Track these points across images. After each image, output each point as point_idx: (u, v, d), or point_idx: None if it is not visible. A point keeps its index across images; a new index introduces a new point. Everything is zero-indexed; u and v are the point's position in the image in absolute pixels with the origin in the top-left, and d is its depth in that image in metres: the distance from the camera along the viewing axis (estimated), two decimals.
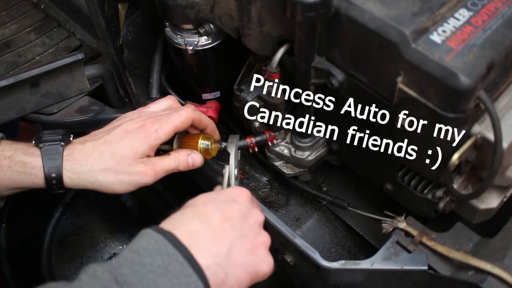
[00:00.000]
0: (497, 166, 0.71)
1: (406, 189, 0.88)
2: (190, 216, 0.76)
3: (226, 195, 0.82)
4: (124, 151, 0.85)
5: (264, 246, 0.78)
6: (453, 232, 0.87)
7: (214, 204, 0.78)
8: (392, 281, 0.86)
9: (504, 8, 0.74)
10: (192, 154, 0.93)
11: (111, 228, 1.45)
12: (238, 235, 0.75)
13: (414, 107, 0.72)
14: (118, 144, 0.86)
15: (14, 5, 1.49)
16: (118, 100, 1.18)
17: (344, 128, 0.95)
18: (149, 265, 0.65)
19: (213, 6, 0.91)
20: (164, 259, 0.66)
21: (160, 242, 0.68)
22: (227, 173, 0.94)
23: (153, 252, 0.67)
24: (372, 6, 0.72)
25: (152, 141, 0.87)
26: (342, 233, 1.16)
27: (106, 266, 0.64)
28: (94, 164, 0.85)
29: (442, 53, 0.68)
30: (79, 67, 1.08)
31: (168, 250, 0.67)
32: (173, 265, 0.66)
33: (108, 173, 0.85)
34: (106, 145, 0.86)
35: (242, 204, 0.80)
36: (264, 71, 0.89)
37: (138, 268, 0.65)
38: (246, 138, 1.02)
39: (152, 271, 0.65)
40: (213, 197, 0.81)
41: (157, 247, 0.68)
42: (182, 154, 0.93)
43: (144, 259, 0.66)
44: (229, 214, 0.76)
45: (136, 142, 0.86)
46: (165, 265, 0.66)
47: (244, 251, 0.74)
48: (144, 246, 0.68)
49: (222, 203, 0.79)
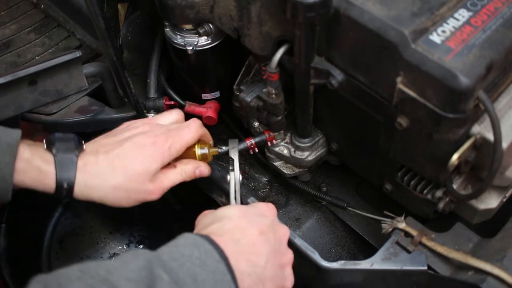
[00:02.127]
0: (496, 166, 0.71)
1: (405, 189, 0.88)
2: (232, 227, 0.76)
3: (256, 210, 0.83)
4: (136, 168, 0.85)
5: (290, 263, 0.80)
6: (453, 232, 0.87)
7: (249, 217, 0.79)
8: (392, 281, 0.86)
9: (504, 9, 0.74)
10: (200, 168, 0.94)
11: (111, 228, 1.45)
12: (272, 249, 0.76)
13: (414, 107, 0.72)
14: (131, 161, 0.86)
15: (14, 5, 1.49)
16: (117, 100, 1.18)
17: (343, 128, 0.95)
18: (188, 256, 0.66)
19: (213, 6, 0.91)
20: (202, 253, 0.67)
21: (197, 240, 0.70)
22: (233, 179, 0.94)
23: (191, 247, 0.68)
24: (371, 6, 0.72)
25: (164, 158, 0.88)
26: (342, 233, 1.16)
27: (147, 251, 0.66)
28: (106, 180, 0.84)
29: (441, 54, 0.68)
30: (77, 65, 1.08)
31: (205, 246, 0.68)
32: (210, 260, 0.67)
33: (119, 191, 0.85)
34: (119, 160, 0.85)
35: (271, 220, 0.82)
36: (264, 71, 0.89)
37: (178, 257, 0.66)
38: (245, 140, 1.02)
39: (191, 261, 0.66)
40: (246, 211, 0.82)
41: (195, 243, 0.69)
42: (189, 167, 0.93)
43: (183, 251, 0.67)
44: (263, 228, 0.77)
45: (149, 160, 0.86)
46: (203, 258, 0.67)
47: (276, 265, 0.76)
48: (182, 242, 0.69)
49: (255, 217, 0.80)
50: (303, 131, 0.99)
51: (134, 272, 0.61)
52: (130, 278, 0.61)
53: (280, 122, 0.98)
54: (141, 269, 0.62)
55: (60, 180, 0.82)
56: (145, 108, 1.13)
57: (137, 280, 0.61)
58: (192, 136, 0.91)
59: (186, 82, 1.11)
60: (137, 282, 0.60)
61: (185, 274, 0.64)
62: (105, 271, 0.60)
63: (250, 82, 1.00)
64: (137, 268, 0.62)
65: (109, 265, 0.62)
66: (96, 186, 0.84)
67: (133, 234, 1.45)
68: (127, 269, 0.62)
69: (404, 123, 0.76)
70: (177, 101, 1.12)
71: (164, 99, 1.12)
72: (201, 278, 0.65)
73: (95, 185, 0.84)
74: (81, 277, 0.59)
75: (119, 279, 0.60)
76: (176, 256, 0.66)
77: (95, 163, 0.85)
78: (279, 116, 0.96)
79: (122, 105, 1.20)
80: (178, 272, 0.64)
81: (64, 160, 0.83)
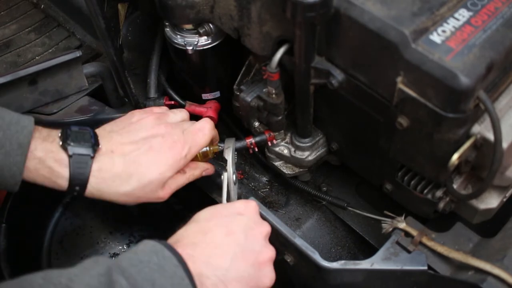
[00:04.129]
0: (496, 166, 0.71)
1: (406, 189, 0.88)
2: (194, 231, 0.77)
3: (231, 209, 0.83)
4: (151, 178, 0.84)
5: (268, 261, 0.79)
6: (453, 232, 0.87)
7: (217, 219, 0.79)
8: (392, 281, 0.86)
9: (504, 8, 0.74)
10: (208, 170, 0.96)
11: (111, 228, 1.45)
12: (241, 249, 0.76)
13: (414, 107, 0.72)
14: (148, 168, 0.84)
15: (14, 5, 1.49)
16: (118, 100, 1.18)
17: (343, 128, 0.95)
18: (147, 262, 0.67)
19: (213, 6, 0.91)
20: (160, 259, 0.68)
21: (156, 246, 0.70)
22: (225, 179, 0.93)
23: (149, 253, 0.69)
24: (372, 6, 0.72)
25: (180, 166, 0.88)
26: (342, 233, 1.16)
27: (107, 258, 0.67)
28: (119, 187, 0.84)
29: (442, 53, 0.68)
30: (77, 64, 1.08)
31: (164, 253, 0.69)
32: (168, 265, 0.68)
33: (130, 197, 0.86)
34: (135, 166, 0.84)
35: (247, 217, 0.81)
36: (264, 71, 0.89)
37: (136, 263, 0.67)
38: (245, 139, 1.02)
39: (149, 267, 0.67)
40: (217, 212, 0.82)
41: (154, 249, 0.70)
42: (197, 172, 0.94)
43: (142, 257, 0.68)
44: (233, 228, 0.77)
45: (165, 168, 0.85)
46: (161, 264, 0.68)
47: (247, 265, 0.76)
48: (141, 249, 0.70)
49: (225, 217, 0.80)
50: (303, 131, 0.99)
51: (94, 278, 0.62)
52: (90, 284, 0.62)
53: (280, 122, 0.98)
54: (100, 275, 0.63)
55: (73, 184, 0.81)
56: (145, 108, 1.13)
57: (97, 286, 0.62)
58: (206, 140, 0.92)
59: (186, 82, 1.11)
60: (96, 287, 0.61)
61: (143, 279, 0.65)
62: (67, 279, 0.61)
63: (250, 82, 1.00)
64: (97, 274, 0.63)
65: (70, 273, 0.63)
66: (108, 192, 0.84)
67: (133, 234, 1.45)
68: (88, 276, 0.63)
69: (405, 123, 0.76)
70: (177, 101, 1.12)
71: (164, 99, 1.12)
72: (159, 283, 0.66)
73: (107, 191, 0.84)
74: (43, 284, 0.60)
75: (80, 286, 0.61)
76: (135, 262, 0.67)
77: (110, 166, 0.83)
78: (279, 116, 0.96)
79: (122, 105, 1.20)
80: (136, 278, 0.65)
81: (79, 164, 0.81)
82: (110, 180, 0.83)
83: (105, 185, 0.83)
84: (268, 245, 0.81)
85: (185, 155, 0.87)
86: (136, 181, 0.84)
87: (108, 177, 0.83)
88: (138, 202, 0.88)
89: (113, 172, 0.83)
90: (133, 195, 0.85)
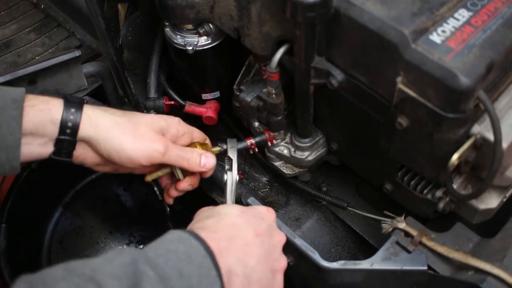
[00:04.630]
0: (496, 166, 0.71)
1: (406, 189, 0.88)
2: (227, 225, 0.76)
3: (256, 212, 0.83)
4: (146, 116, 0.88)
5: (282, 270, 0.79)
6: (453, 232, 0.87)
7: (247, 218, 0.79)
8: (392, 281, 0.86)
9: (504, 8, 0.74)
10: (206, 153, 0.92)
11: (111, 228, 1.45)
12: (265, 253, 0.76)
13: (414, 107, 0.72)
14: (139, 115, 0.88)
15: (14, 5, 1.49)
16: (117, 100, 1.18)
17: (343, 128, 0.95)
18: (174, 251, 0.66)
19: (213, 6, 0.91)
20: (187, 248, 0.67)
21: (182, 235, 0.69)
22: (230, 179, 0.94)
23: (176, 242, 0.68)
24: (371, 6, 0.72)
25: (173, 125, 0.90)
26: (342, 233, 1.16)
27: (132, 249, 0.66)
28: (114, 115, 0.85)
29: (441, 53, 0.68)
30: (76, 64, 1.08)
31: (191, 241, 0.68)
32: (195, 254, 0.67)
33: (126, 124, 0.85)
34: (127, 115, 0.87)
35: (269, 223, 0.81)
36: (264, 71, 0.89)
37: (163, 252, 0.66)
38: (245, 139, 1.02)
39: (176, 256, 0.65)
40: (245, 211, 0.81)
41: (180, 238, 0.69)
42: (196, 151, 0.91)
43: (169, 246, 0.67)
44: (260, 230, 0.77)
45: (158, 117, 0.89)
46: (188, 253, 0.66)
47: (267, 269, 0.76)
48: (167, 238, 0.69)
49: (253, 218, 0.79)
50: (303, 131, 0.99)
51: (119, 268, 0.61)
52: (114, 275, 0.60)
53: (280, 122, 0.98)
54: (125, 265, 0.62)
55: (67, 106, 0.81)
56: (145, 108, 1.13)
57: (122, 277, 0.60)
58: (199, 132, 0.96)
59: (186, 82, 1.11)
60: (121, 278, 0.60)
61: (170, 269, 0.64)
62: (90, 270, 0.60)
63: (250, 82, 1.00)
64: (121, 264, 0.62)
65: (93, 263, 0.62)
66: (103, 116, 0.84)
67: (133, 234, 1.45)
68: (112, 266, 0.61)
69: (404, 123, 0.76)
70: (177, 101, 1.12)
71: (164, 99, 1.12)
72: (187, 272, 0.64)
73: (103, 115, 0.84)
74: (66, 276, 0.59)
75: (104, 277, 0.59)
76: (162, 252, 0.66)
77: (103, 111, 0.85)
78: (279, 116, 0.96)
79: (122, 105, 1.20)
80: (164, 268, 0.63)
81: (72, 99, 0.83)
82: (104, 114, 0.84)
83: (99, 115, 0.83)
84: (283, 255, 0.81)
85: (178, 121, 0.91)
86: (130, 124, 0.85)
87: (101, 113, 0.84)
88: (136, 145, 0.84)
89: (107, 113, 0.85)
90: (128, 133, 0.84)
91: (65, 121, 0.81)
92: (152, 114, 0.90)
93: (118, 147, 0.83)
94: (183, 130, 0.92)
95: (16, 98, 0.78)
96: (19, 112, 0.77)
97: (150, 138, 0.85)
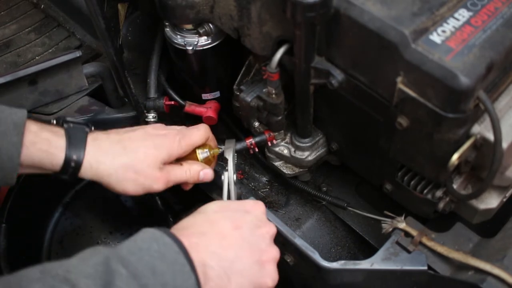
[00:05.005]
0: (496, 166, 0.71)
1: (406, 189, 0.88)
2: (201, 221, 0.77)
3: (240, 205, 0.83)
4: (146, 152, 0.86)
5: (272, 260, 0.79)
6: (453, 232, 0.87)
7: (226, 212, 0.79)
8: (392, 281, 0.86)
9: (504, 8, 0.74)
10: (205, 170, 0.94)
11: (111, 228, 1.45)
12: (247, 245, 0.76)
13: (414, 107, 0.72)
14: (143, 143, 0.87)
15: (14, 5, 1.49)
16: (118, 100, 1.18)
17: (343, 128, 0.95)
18: (146, 250, 0.66)
19: (213, 6, 0.91)
20: (161, 246, 0.67)
21: (156, 233, 0.70)
22: (226, 179, 0.95)
23: (149, 240, 0.68)
24: (371, 6, 0.72)
25: (173, 149, 0.89)
26: (342, 233, 1.16)
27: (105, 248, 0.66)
28: (116, 157, 0.85)
29: (442, 53, 0.68)
30: (77, 65, 1.08)
31: (164, 239, 0.68)
32: (169, 252, 0.67)
33: (128, 170, 0.85)
34: (130, 141, 0.87)
35: (255, 215, 0.81)
36: (264, 71, 0.89)
37: (136, 251, 0.66)
38: (245, 139, 1.02)
39: (149, 254, 0.66)
40: (226, 206, 0.82)
41: (153, 237, 0.69)
42: (195, 167, 0.93)
43: (141, 245, 0.67)
44: (239, 223, 0.77)
45: (159, 147, 0.88)
46: (162, 251, 0.67)
47: (251, 261, 0.75)
48: (140, 237, 0.70)
49: (234, 212, 0.80)
50: (303, 131, 0.99)
51: (92, 268, 0.62)
52: (88, 274, 0.61)
53: (280, 122, 0.98)
54: (98, 264, 0.62)
55: (69, 152, 0.81)
56: (145, 108, 1.13)
57: (95, 276, 0.61)
58: (200, 136, 0.93)
59: (186, 82, 1.11)
60: (94, 278, 0.60)
61: (143, 267, 0.64)
62: (64, 270, 0.61)
63: (250, 82, 1.00)
64: (94, 264, 0.62)
65: (68, 264, 0.62)
66: (105, 162, 0.84)
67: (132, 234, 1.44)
68: (85, 266, 0.62)
69: (404, 123, 0.76)
70: (177, 101, 1.12)
71: (164, 99, 1.12)
72: (160, 270, 0.65)
73: (104, 161, 0.84)
74: (41, 278, 0.59)
75: (78, 277, 0.60)
76: (134, 250, 0.66)
77: (106, 139, 0.85)
78: (279, 116, 0.96)
79: (122, 105, 1.20)
80: (136, 266, 0.64)
81: (75, 133, 0.83)
82: (106, 150, 0.84)
83: (101, 155, 0.84)
84: (273, 245, 0.81)
85: (178, 140, 0.89)
86: (132, 154, 0.85)
87: (104, 146, 0.84)
88: (138, 182, 0.86)
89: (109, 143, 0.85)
90: (130, 168, 0.85)
91: (66, 167, 0.82)
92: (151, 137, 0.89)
93: (121, 191, 0.87)
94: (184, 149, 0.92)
95: (18, 122, 0.78)
96: (19, 138, 0.78)
97: (152, 179, 0.87)
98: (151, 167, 0.86)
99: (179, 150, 0.90)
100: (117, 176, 0.85)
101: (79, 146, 0.82)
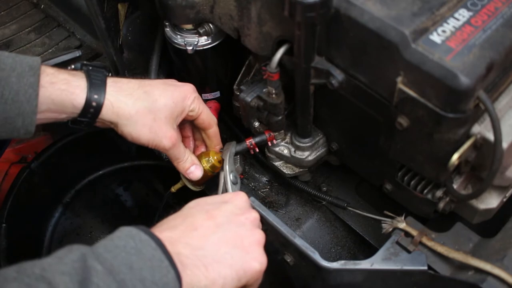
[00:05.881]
0: (496, 166, 0.71)
1: (406, 189, 0.88)
2: (174, 217, 0.79)
3: (217, 198, 0.84)
4: (166, 101, 0.88)
5: (256, 244, 0.79)
6: (453, 232, 0.87)
7: (200, 206, 0.81)
8: (392, 281, 0.86)
9: (504, 8, 0.74)
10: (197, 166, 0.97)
11: (111, 228, 1.45)
12: (222, 232, 0.77)
13: (414, 107, 0.72)
14: (163, 92, 0.88)
15: (14, 5, 1.49)
16: None
17: (343, 128, 0.95)
18: (123, 247, 0.67)
19: (213, 6, 0.91)
20: (137, 243, 0.68)
21: (132, 231, 0.70)
22: (222, 179, 0.97)
23: (125, 238, 0.69)
24: (372, 6, 0.72)
25: (187, 106, 0.91)
26: (342, 233, 1.16)
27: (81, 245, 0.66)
28: (138, 100, 0.85)
29: (442, 53, 0.68)
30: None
31: (140, 236, 0.69)
32: (146, 248, 0.67)
33: (148, 115, 0.86)
34: (151, 87, 0.88)
35: (233, 204, 0.82)
36: (264, 71, 0.89)
37: (112, 249, 0.66)
38: (245, 140, 1.02)
39: (126, 251, 0.66)
40: (202, 201, 0.83)
41: (130, 234, 0.69)
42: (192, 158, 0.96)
43: (117, 243, 0.68)
44: (214, 213, 0.78)
45: (177, 98, 0.90)
46: (138, 248, 0.67)
47: (229, 248, 0.76)
48: (117, 235, 0.70)
49: (209, 205, 0.81)
50: (303, 131, 0.99)
51: (68, 265, 0.62)
52: (64, 271, 0.61)
53: (280, 122, 0.98)
54: (74, 261, 0.62)
55: (90, 91, 0.81)
56: None
57: (71, 273, 0.61)
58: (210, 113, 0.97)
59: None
60: (71, 274, 0.61)
61: (120, 263, 0.64)
62: (40, 269, 0.61)
63: (250, 82, 1.00)
64: (70, 261, 0.62)
65: (44, 263, 0.62)
66: (127, 102, 0.84)
67: None
68: (62, 264, 0.62)
69: (404, 123, 0.76)
70: None
71: None
72: (137, 266, 0.65)
73: (126, 101, 0.84)
74: (17, 277, 0.59)
75: (54, 274, 0.60)
76: (111, 248, 0.67)
77: (126, 82, 0.86)
78: (279, 116, 0.96)
79: None
80: (112, 262, 0.64)
81: (95, 74, 0.83)
82: (128, 91, 0.85)
83: (124, 95, 0.84)
84: (255, 229, 0.81)
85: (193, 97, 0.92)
86: (152, 99, 0.87)
87: (125, 88, 0.85)
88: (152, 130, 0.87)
89: (130, 86, 0.86)
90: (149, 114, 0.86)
91: (87, 107, 0.82)
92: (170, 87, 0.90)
93: (135, 135, 0.87)
94: (195, 110, 0.94)
95: (33, 65, 0.78)
96: (36, 79, 0.77)
97: (164, 134, 0.88)
98: (168, 119, 0.88)
99: (191, 108, 0.92)
100: (136, 118, 0.85)
101: (100, 86, 0.82)
